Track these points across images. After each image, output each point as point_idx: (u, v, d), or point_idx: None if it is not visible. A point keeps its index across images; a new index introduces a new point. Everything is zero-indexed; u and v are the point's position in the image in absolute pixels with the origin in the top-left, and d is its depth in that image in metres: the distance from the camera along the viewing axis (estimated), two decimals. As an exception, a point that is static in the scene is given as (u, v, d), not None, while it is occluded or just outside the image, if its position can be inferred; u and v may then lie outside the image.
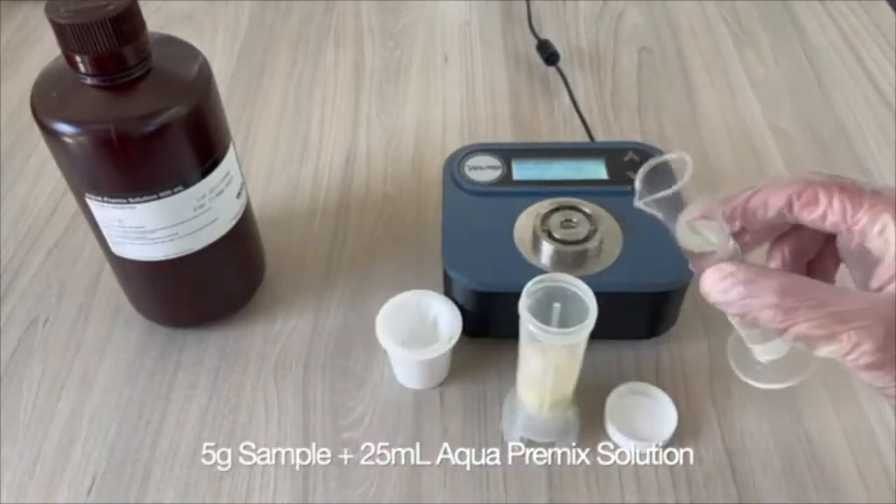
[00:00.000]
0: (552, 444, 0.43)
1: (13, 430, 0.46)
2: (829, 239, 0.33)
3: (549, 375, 0.39)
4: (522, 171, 0.50)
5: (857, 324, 0.28)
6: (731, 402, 0.46)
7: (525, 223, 0.47)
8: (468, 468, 0.43)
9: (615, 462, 0.43)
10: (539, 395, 0.41)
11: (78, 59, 0.37)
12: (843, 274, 0.35)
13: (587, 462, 0.43)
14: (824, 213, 0.30)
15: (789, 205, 0.31)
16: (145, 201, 0.41)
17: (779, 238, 0.35)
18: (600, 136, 0.62)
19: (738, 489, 0.42)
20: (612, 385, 0.45)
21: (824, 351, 0.28)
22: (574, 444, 0.44)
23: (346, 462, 0.44)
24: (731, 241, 0.31)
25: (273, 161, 0.62)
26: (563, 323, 0.38)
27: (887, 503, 0.41)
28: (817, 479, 0.42)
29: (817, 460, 0.43)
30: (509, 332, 0.40)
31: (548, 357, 0.38)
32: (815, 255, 0.35)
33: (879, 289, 0.29)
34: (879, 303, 0.28)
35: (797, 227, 0.33)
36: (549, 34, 0.72)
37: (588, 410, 0.45)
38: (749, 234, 0.34)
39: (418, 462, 0.44)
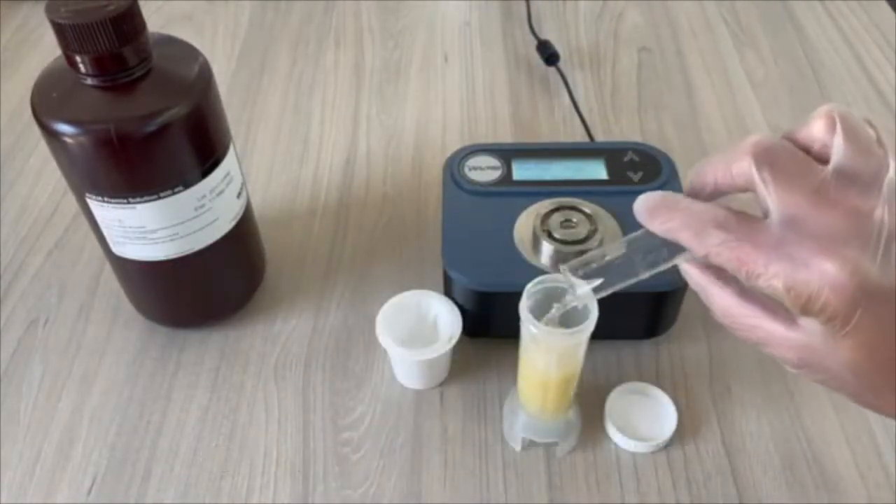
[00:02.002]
0: (553, 445, 0.43)
1: (13, 431, 0.46)
2: None
3: (550, 376, 0.39)
4: (522, 171, 0.50)
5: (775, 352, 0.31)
6: (731, 402, 0.46)
7: (525, 223, 0.47)
8: (468, 468, 0.43)
9: (615, 462, 0.43)
10: (540, 396, 0.41)
11: (78, 59, 0.37)
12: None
13: (587, 462, 0.43)
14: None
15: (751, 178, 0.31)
16: (146, 201, 0.41)
17: None
18: (600, 137, 0.62)
19: (738, 489, 0.42)
20: (612, 385, 0.46)
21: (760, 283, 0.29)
22: (574, 444, 0.44)
23: (346, 462, 0.44)
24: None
25: (273, 161, 0.62)
26: (564, 323, 0.38)
27: (887, 503, 0.42)
28: (817, 479, 0.42)
29: (817, 460, 0.43)
30: (509, 332, 0.40)
31: (549, 358, 0.38)
32: None
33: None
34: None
35: None
36: (549, 34, 0.72)
37: (588, 410, 0.45)
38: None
39: (418, 462, 0.44)
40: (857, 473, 0.43)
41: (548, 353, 0.38)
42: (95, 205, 0.41)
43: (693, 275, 0.33)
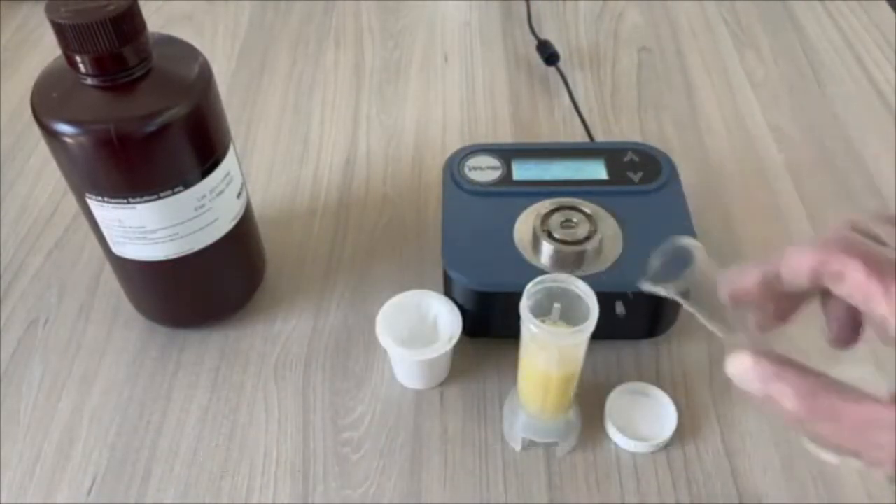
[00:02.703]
0: (553, 445, 0.43)
1: (13, 431, 0.46)
2: None
3: (551, 376, 0.39)
4: (522, 171, 0.50)
5: (873, 439, 0.25)
6: (731, 402, 0.46)
7: (525, 223, 0.47)
8: (468, 468, 0.43)
9: (615, 462, 0.43)
10: (540, 396, 0.41)
11: (78, 59, 0.37)
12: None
13: (587, 462, 0.43)
14: (849, 291, 0.27)
15: (817, 276, 0.27)
16: (146, 201, 0.41)
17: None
18: (600, 137, 0.62)
19: (738, 489, 0.42)
20: (612, 385, 0.46)
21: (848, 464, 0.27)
22: (574, 444, 0.44)
23: (346, 462, 0.44)
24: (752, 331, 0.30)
25: (273, 161, 0.62)
26: (564, 323, 0.38)
27: (889, 503, 0.42)
28: (817, 479, 0.42)
29: (817, 460, 0.43)
30: (509, 332, 0.40)
31: (549, 357, 0.38)
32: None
33: None
34: None
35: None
36: (549, 34, 0.72)
37: (588, 410, 0.45)
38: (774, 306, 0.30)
39: (418, 462, 0.44)
40: (857, 473, 0.42)
41: (548, 353, 0.38)
42: (95, 205, 0.41)
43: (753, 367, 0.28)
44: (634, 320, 0.46)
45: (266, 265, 0.53)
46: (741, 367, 0.28)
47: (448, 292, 0.47)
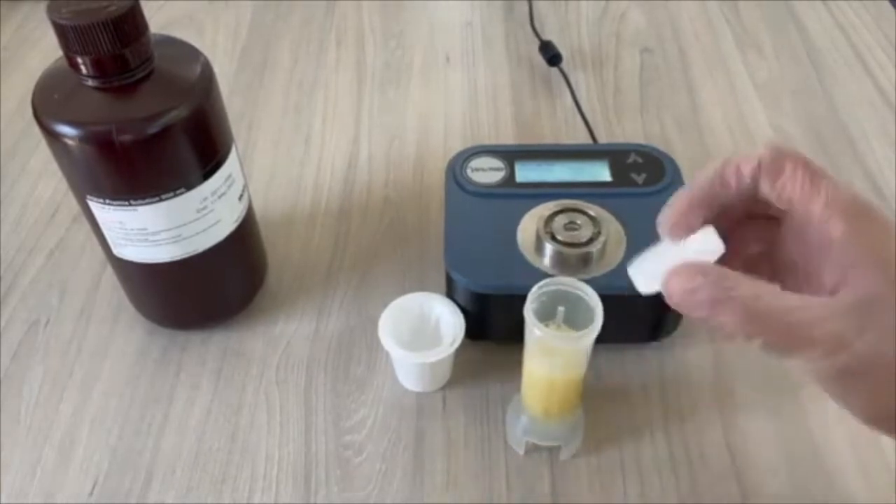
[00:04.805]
0: (557, 448, 0.43)
1: (14, 433, 0.46)
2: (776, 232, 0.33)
3: (555, 380, 0.39)
4: (525, 172, 0.50)
5: (817, 335, 0.27)
6: (735, 404, 0.46)
7: (528, 225, 0.46)
8: (471, 472, 0.43)
9: (619, 465, 0.43)
10: (544, 400, 0.41)
11: (79, 60, 0.37)
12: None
13: (590, 465, 0.43)
14: (784, 183, 0.30)
15: (757, 169, 0.30)
16: (147, 203, 0.40)
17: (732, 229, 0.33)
18: (603, 138, 0.62)
19: (742, 490, 0.42)
20: (615, 388, 0.45)
21: (789, 363, 0.29)
22: (578, 447, 0.43)
23: (348, 465, 0.44)
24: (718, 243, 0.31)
25: (275, 162, 0.62)
26: (568, 327, 0.38)
27: (891, 503, 0.41)
28: (822, 482, 0.42)
29: (821, 461, 0.43)
30: (512, 335, 0.40)
31: (553, 362, 0.38)
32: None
33: (832, 291, 0.29)
34: (837, 310, 0.28)
35: (748, 220, 0.33)
36: (551, 35, 0.72)
37: (592, 414, 0.45)
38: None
39: (421, 465, 0.43)
40: (860, 474, 0.42)
41: (552, 357, 0.38)
42: (97, 207, 0.41)
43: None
44: (638, 324, 0.46)
45: (268, 267, 0.53)
46: (688, 278, 0.29)
47: (450, 294, 0.47)
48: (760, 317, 0.28)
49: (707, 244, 0.31)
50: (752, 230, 0.34)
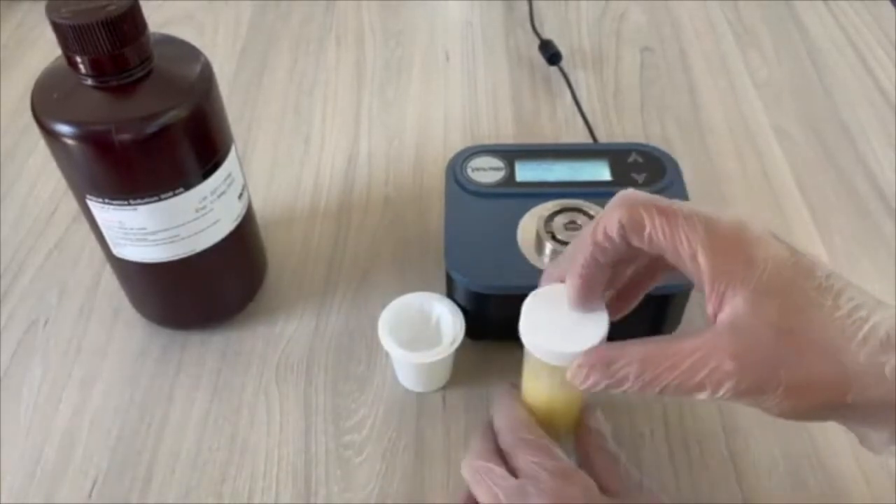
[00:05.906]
0: None
1: (14, 433, 0.46)
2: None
3: (556, 396, 0.38)
4: (525, 172, 0.50)
5: (711, 366, 0.29)
6: (735, 405, 0.45)
7: (528, 225, 0.46)
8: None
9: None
10: (546, 424, 0.38)
11: (79, 59, 0.37)
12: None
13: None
14: (650, 235, 0.30)
15: (622, 229, 0.31)
16: (146, 203, 0.40)
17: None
18: (603, 137, 0.62)
19: (742, 490, 0.42)
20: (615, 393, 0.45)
21: (700, 398, 0.30)
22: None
23: (348, 465, 0.44)
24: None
25: (274, 162, 0.62)
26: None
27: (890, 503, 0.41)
28: (822, 483, 0.42)
29: (821, 461, 0.43)
30: (512, 335, 0.40)
31: (552, 382, 0.37)
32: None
33: (715, 314, 0.30)
34: (719, 338, 0.29)
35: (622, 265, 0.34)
36: (551, 34, 0.72)
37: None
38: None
39: (420, 465, 0.43)
40: (860, 475, 0.42)
41: (550, 376, 0.37)
42: (96, 206, 0.41)
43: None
44: (637, 324, 0.46)
45: (267, 266, 0.53)
46: (577, 371, 0.33)
47: (450, 294, 0.47)
48: (654, 363, 0.30)
49: (598, 331, 0.34)
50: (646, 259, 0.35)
